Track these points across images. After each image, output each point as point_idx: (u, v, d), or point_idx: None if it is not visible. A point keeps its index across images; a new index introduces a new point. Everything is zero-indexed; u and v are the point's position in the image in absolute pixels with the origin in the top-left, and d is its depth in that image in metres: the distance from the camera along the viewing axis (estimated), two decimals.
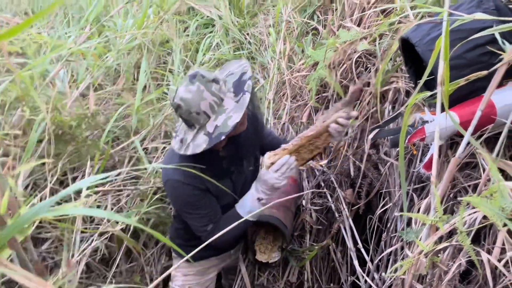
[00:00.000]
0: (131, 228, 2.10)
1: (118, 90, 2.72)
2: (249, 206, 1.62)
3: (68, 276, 1.04)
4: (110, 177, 2.32)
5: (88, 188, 1.86)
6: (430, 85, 1.46)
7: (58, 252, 2.04)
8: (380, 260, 1.52)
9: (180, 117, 1.49)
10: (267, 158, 1.60)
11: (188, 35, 3.66)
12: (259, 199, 1.60)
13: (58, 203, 1.51)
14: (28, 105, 2.07)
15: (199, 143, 1.42)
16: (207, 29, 3.90)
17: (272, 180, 1.55)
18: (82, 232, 1.82)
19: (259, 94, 3.07)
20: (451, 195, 1.34)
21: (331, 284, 2.11)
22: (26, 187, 2.05)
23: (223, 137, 1.39)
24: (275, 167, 1.56)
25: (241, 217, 1.60)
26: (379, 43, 1.93)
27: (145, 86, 2.81)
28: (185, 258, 0.95)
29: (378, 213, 1.64)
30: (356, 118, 1.68)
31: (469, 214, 1.06)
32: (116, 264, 2.07)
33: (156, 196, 2.14)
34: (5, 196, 0.74)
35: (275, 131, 2.55)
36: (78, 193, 2.05)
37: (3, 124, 2.14)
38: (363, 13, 2.21)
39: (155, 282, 0.84)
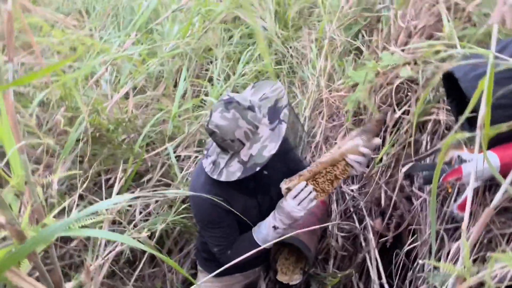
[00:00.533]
0: (157, 233, 2.12)
1: (158, 95, 2.78)
2: (264, 233, 1.60)
3: (85, 286, 1.06)
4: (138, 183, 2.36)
5: (118, 192, 1.90)
6: (473, 120, 1.40)
7: (86, 250, 2.10)
8: None
9: (216, 143, 1.48)
10: (282, 184, 1.55)
11: (231, 44, 3.70)
12: (274, 228, 1.56)
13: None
14: (70, 105, 2.15)
15: (233, 171, 1.42)
16: (251, 39, 3.92)
17: (289, 207, 1.50)
18: None
19: (296, 110, 3.05)
20: (485, 241, 1.26)
21: None
22: (62, 184, 2.12)
23: (258, 168, 1.38)
24: (293, 192, 1.50)
25: (255, 242, 1.60)
26: (422, 71, 1.87)
27: (184, 94, 2.85)
28: (210, 275, 0.94)
29: (406, 249, 1.57)
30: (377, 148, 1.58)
31: (501, 268, 1.00)
32: (140, 268, 2.10)
33: (184, 205, 2.16)
34: (27, 211, 0.76)
35: (308, 149, 2.52)
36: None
37: (46, 121, 2.23)
38: (409, 39, 2.14)
39: None
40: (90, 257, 1.80)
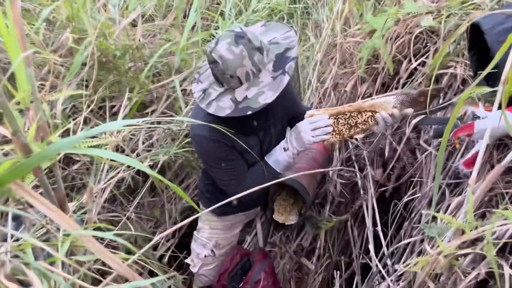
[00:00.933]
0: (159, 164, 2.13)
1: (167, 25, 2.69)
2: (275, 155, 1.61)
3: (88, 206, 1.07)
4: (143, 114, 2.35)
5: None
6: (491, 78, 1.35)
7: (88, 174, 2.12)
8: (396, 247, 1.49)
9: (212, 72, 1.42)
10: (308, 114, 1.52)
11: None
12: (284, 149, 1.57)
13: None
14: (77, 27, 2.08)
15: (223, 107, 1.39)
16: None
17: (302, 127, 1.48)
18: (111, 160, 1.88)
19: (307, 53, 2.97)
20: (486, 198, 1.27)
21: (342, 257, 2.12)
22: (66, 109, 2.11)
23: (249, 112, 1.35)
24: (313, 119, 1.48)
25: (268, 165, 1.60)
26: (445, 21, 1.78)
27: (194, 26, 2.75)
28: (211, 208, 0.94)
29: (404, 200, 1.59)
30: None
31: (500, 225, 1.01)
32: (140, 196, 2.14)
33: (187, 140, 2.15)
34: (33, 126, 0.75)
35: (316, 95, 2.48)
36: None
37: (52, 42, 2.17)
38: None
39: (177, 225, 0.85)
40: (92, 180, 1.82)
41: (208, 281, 2.02)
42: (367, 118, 1.46)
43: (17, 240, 0.91)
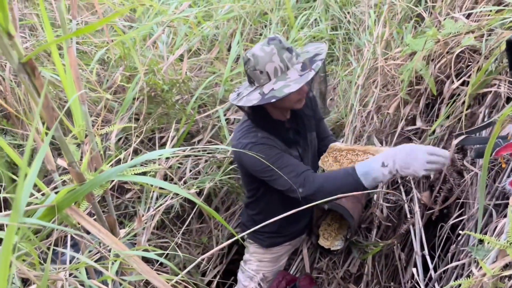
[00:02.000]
0: (205, 191, 2.21)
1: (211, 58, 2.82)
2: (368, 166, 1.44)
3: (137, 230, 1.15)
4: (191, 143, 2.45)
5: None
6: None
7: (139, 202, 2.24)
8: (444, 271, 1.45)
9: (245, 72, 1.54)
10: (331, 146, 1.67)
11: (286, 8, 3.64)
12: (383, 164, 1.40)
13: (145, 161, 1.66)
14: (128, 65, 2.25)
15: (251, 99, 1.48)
16: (307, 3, 3.83)
17: (421, 155, 1.35)
18: (160, 188, 1.98)
19: (349, 78, 2.98)
20: None
21: (391, 283, 2.06)
22: (119, 140, 2.26)
23: (273, 100, 1.40)
24: (432, 150, 1.36)
25: (355, 173, 1.45)
26: (486, 40, 1.76)
27: (237, 58, 2.87)
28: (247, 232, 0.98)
29: (451, 223, 1.54)
30: None
31: None
32: (187, 222, 2.22)
33: (232, 166, 2.22)
34: (86, 157, 0.83)
35: (358, 119, 2.48)
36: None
37: (106, 80, 2.35)
38: (475, 4, 2.01)
39: (221, 246, 0.89)
40: (142, 208, 1.93)
41: None
42: (365, 158, 1.58)
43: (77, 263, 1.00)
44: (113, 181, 1.96)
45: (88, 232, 0.91)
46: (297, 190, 1.51)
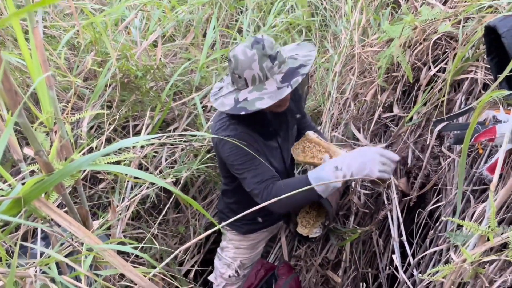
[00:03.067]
0: (182, 180, 2.17)
1: (186, 44, 2.75)
2: (320, 172, 1.44)
3: (112, 222, 1.10)
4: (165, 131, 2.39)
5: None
6: None
7: (114, 192, 2.17)
8: (422, 257, 1.46)
9: (228, 71, 1.52)
10: (307, 134, 1.67)
11: None
12: (336, 168, 1.40)
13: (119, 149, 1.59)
14: (100, 50, 2.16)
15: (225, 103, 1.46)
16: None
17: (375, 156, 1.38)
18: (135, 177, 1.92)
19: (326, 65, 2.97)
20: None
21: (369, 269, 2.08)
22: (91, 129, 2.18)
23: (242, 113, 1.39)
24: (384, 152, 1.40)
25: (307, 180, 1.45)
26: (463, 27, 1.76)
27: (213, 44, 2.81)
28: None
29: (429, 209, 1.55)
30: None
31: None
32: (164, 213, 2.17)
33: (209, 155, 2.18)
34: (54, 145, 0.78)
35: (336, 106, 2.48)
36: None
37: (76, 66, 2.25)
38: None
39: (200, 237, 0.86)
40: (117, 198, 1.87)
41: None
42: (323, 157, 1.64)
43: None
44: (85, 170, 1.89)
45: (59, 225, 0.86)
46: (256, 196, 1.54)
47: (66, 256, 0.91)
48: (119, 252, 1.04)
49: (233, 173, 1.63)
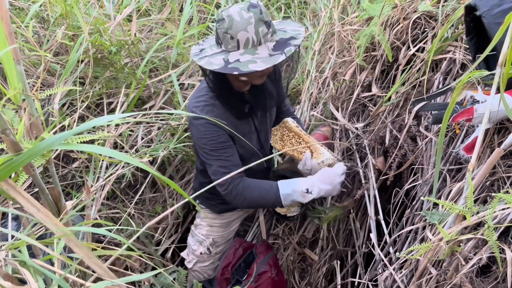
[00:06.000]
0: (158, 160, 2.13)
1: (162, 19, 2.67)
2: (291, 192, 1.59)
3: (86, 202, 1.06)
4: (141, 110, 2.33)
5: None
6: (490, 61, 1.33)
7: (88, 171, 2.12)
8: (398, 235, 1.48)
9: (216, 31, 1.45)
10: (285, 121, 1.72)
11: None
12: (307, 191, 1.57)
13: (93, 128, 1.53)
14: (71, 24, 2.06)
15: (213, 62, 1.40)
16: None
17: (337, 179, 1.58)
18: (110, 157, 1.87)
19: (305, 43, 2.94)
20: (488, 183, 1.25)
21: (346, 247, 2.11)
22: (63, 106, 2.10)
23: (235, 73, 1.35)
24: (343, 170, 1.61)
25: (277, 193, 1.59)
26: (442, 6, 1.76)
27: (190, 19, 2.73)
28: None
29: (406, 188, 1.57)
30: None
31: (502, 209, 0.99)
32: (140, 192, 2.13)
33: (186, 134, 2.14)
34: (21, 123, 0.73)
35: (315, 85, 2.46)
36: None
37: (47, 40, 2.15)
38: None
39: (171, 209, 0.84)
40: (91, 178, 1.82)
41: (202, 278, 2.02)
42: (303, 152, 1.71)
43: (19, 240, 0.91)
44: (57, 150, 1.83)
45: None
46: (220, 186, 1.59)
47: (38, 238, 0.88)
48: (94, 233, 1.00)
49: (200, 155, 1.63)
